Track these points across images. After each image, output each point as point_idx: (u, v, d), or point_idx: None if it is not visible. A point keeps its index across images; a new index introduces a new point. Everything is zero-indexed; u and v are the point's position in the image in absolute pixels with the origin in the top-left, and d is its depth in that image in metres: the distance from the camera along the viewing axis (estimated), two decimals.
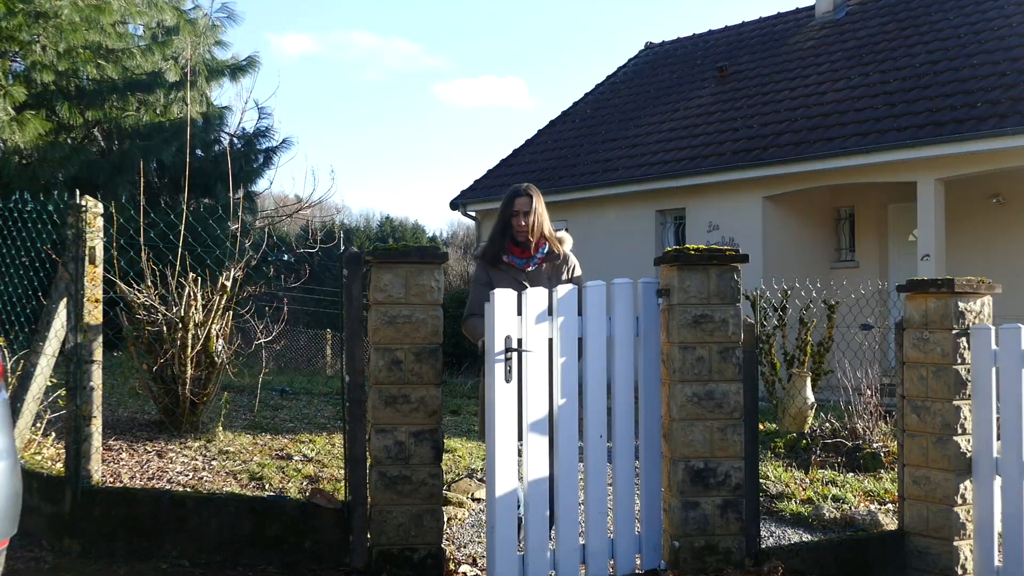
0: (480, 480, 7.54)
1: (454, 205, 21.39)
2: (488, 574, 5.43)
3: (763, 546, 5.96)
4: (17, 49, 15.82)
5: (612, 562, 5.69)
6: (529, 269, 5.91)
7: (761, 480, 7.58)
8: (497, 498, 5.34)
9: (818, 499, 7.57)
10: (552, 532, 5.55)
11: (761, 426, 9.43)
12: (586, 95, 23.07)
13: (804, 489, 7.84)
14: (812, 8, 20.52)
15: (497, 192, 20.02)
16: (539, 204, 5.93)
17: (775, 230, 16.34)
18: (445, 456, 6.02)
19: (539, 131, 22.32)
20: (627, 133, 19.66)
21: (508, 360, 5.33)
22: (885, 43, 17.54)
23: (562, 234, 6.15)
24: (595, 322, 5.60)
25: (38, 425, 7.25)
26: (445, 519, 5.56)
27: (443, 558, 5.50)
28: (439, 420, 5.48)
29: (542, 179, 19.51)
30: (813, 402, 9.93)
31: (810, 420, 9.84)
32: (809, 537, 6.73)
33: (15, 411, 6.63)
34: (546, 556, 5.44)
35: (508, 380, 5.33)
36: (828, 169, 15.14)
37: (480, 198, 20.76)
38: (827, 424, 9.44)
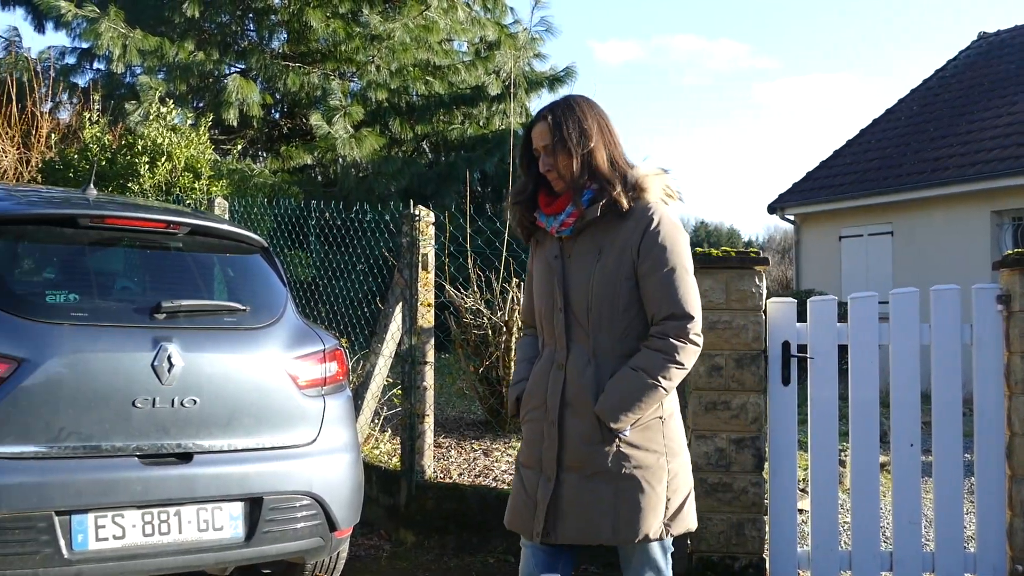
0: (802, 491, 7.34)
1: (771, 209, 20.89)
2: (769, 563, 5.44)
3: None
4: (354, 70, 17.02)
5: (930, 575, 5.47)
6: (563, 234, 3.39)
7: None
8: (774, 490, 5.43)
9: None
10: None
11: None
12: (912, 91, 21.87)
13: None
14: None
15: (816, 195, 19.38)
16: (576, 125, 3.28)
17: None
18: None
19: (861, 131, 21.40)
20: (958, 130, 18.48)
21: (786, 366, 5.40)
22: None
23: (641, 172, 3.38)
24: (902, 328, 5.42)
25: (375, 421, 7.73)
26: (767, 528, 5.47)
27: (764, 568, 5.42)
28: (760, 428, 5.40)
29: (864, 180, 18.70)
30: None
31: None
32: None
33: (356, 408, 7.10)
34: (835, 554, 5.40)
35: (786, 384, 5.38)
36: None
37: (798, 201, 20.11)
38: None
